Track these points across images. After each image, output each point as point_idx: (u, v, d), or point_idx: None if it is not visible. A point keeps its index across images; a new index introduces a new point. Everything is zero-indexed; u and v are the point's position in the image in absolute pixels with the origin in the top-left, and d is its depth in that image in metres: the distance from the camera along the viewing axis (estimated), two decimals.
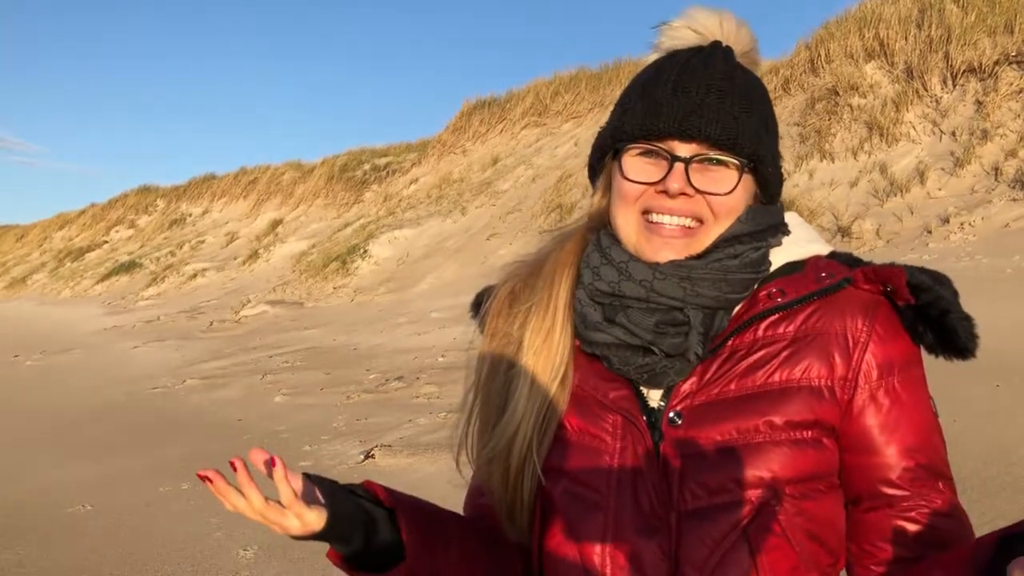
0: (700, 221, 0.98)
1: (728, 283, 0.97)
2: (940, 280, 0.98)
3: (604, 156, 1.06)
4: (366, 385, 8.79)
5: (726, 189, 0.97)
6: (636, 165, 0.99)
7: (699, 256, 0.98)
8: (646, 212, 0.99)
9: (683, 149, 0.96)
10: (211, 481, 0.84)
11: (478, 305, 1.16)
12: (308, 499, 0.89)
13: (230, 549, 4.47)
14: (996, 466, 4.03)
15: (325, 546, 0.94)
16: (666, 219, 0.98)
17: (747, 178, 0.99)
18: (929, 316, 0.96)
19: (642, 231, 0.99)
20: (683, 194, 0.96)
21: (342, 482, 0.98)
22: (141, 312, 20.96)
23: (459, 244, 17.34)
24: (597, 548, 0.97)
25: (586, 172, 1.13)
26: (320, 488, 0.92)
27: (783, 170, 1.08)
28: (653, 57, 1.05)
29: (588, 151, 1.10)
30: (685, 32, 1.03)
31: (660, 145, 0.97)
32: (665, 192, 0.97)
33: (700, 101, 0.96)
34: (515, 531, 1.05)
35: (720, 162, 0.97)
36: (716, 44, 1.02)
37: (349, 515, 0.92)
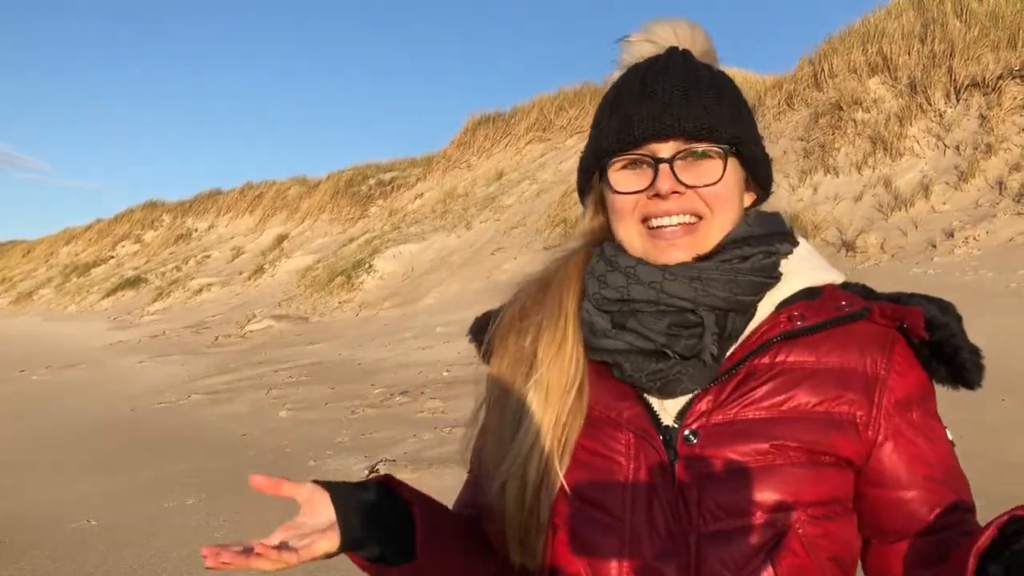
0: (699, 216, 0.98)
1: (738, 284, 0.97)
2: (947, 310, 0.99)
3: (591, 177, 1.07)
4: (371, 400, 8.78)
5: (715, 178, 0.97)
6: (623, 177, 1.00)
7: (708, 256, 0.98)
8: (645, 220, 0.99)
9: (663, 150, 0.97)
10: (228, 564, 0.84)
11: (478, 328, 1.15)
12: (317, 513, 0.92)
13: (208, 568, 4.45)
14: (1003, 481, 4.01)
15: (328, 562, 0.95)
16: (665, 221, 0.98)
17: (733, 163, 1.00)
18: (942, 352, 0.97)
19: (647, 239, 0.99)
20: (675, 192, 0.97)
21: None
22: (146, 327, 21.00)
23: (464, 259, 17.36)
24: (612, 572, 0.95)
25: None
26: (333, 498, 0.93)
27: (788, 182, 1.09)
28: (617, 74, 1.07)
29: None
30: (644, 46, 1.05)
31: (641, 152, 0.98)
32: (658, 195, 0.97)
33: (668, 100, 0.97)
34: (525, 556, 1.02)
35: (703, 154, 0.98)
36: (672, 49, 1.03)
37: (362, 523, 0.93)
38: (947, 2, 13.13)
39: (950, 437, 1.00)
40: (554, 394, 1.00)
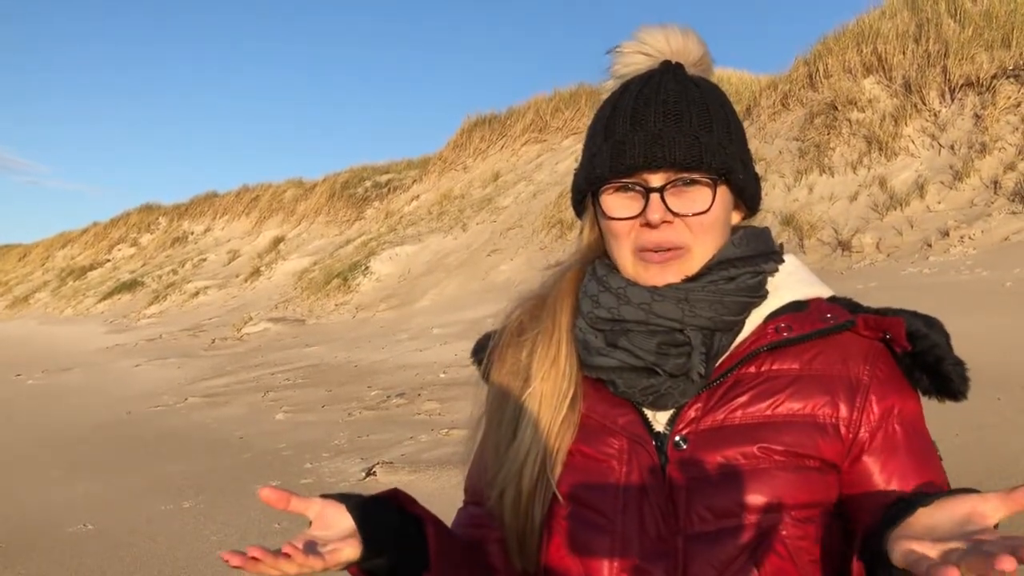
0: (688, 242, 1.01)
1: (724, 305, 1.00)
2: (933, 325, 1.01)
3: (584, 198, 1.10)
4: (367, 402, 8.78)
5: (704, 207, 1.00)
6: (615, 202, 1.03)
7: (695, 277, 1.01)
8: (637, 245, 1.03)
9: (654, 179, 1.00)
10: (258, 560, 0.84)
11: (478, 348, 1.18)
12: (330, 525, 0.91)
13: (232, 568, 4.45)
14: (997, 478, 4.03)
15: None
16: (655, 249, 1.01)
17: (723, 189, 1.03)
18: (925, 362, 0.99)
19: (638, 263, 1.03)
20: (665, 222, 1.00)
21: (367, 493, 0.99)
22: (143, 330, 20.97)
23: (460, 260, 17.37)
24: (604, 571, 0.98)
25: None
26: (349, 508, 0.92)
27: (783, 182, 1.10)
28: (610, 84, 1.09)
29: None
30: (636, 56, 1.07)
31: (632, 180, 1.01)
32: (648, 224, 1.00)
33: (660, 130, 0.99)
34: (524, 560, 1.05)
35: (692, 182, 1.00)
36: (665, 65, 1.06)
37: (382, 539, 0.93)
38: (941, 2, 13.17)
39: (936, 447, 1.01)
40: (547, 406, 1.04)
